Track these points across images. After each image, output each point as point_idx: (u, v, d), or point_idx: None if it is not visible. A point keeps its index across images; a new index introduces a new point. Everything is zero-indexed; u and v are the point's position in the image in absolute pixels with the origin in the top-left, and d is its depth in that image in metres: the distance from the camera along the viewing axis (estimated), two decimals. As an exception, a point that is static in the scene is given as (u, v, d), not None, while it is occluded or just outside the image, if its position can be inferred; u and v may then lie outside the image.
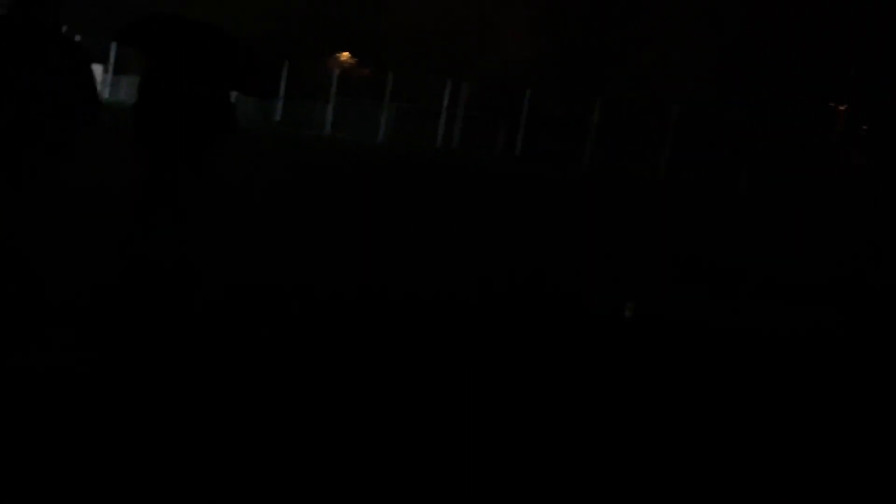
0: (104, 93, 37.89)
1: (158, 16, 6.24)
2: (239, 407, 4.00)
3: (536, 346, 5.85)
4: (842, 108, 39.93)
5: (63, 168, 4.89)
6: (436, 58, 44.00)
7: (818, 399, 5.36)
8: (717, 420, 4.76)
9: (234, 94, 6.33)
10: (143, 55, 6.00)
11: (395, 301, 6.56)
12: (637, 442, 4.26)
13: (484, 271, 8.52)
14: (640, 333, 6.59)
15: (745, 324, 7.11)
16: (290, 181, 15.92)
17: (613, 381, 5.24)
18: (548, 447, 4.05)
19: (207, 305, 5.78)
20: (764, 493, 3.88)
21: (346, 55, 49.73)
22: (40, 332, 4.59)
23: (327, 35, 48.10)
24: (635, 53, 40.91)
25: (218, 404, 4.03)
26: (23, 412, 3.61)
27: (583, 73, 40.99)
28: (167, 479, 3.26)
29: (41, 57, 4.25)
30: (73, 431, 3.49)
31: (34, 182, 4.64)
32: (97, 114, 4.96)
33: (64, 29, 5.44)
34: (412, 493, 3.41)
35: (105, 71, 44.75)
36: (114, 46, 45.10)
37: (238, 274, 6.89)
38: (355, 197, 14.60)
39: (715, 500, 3.79)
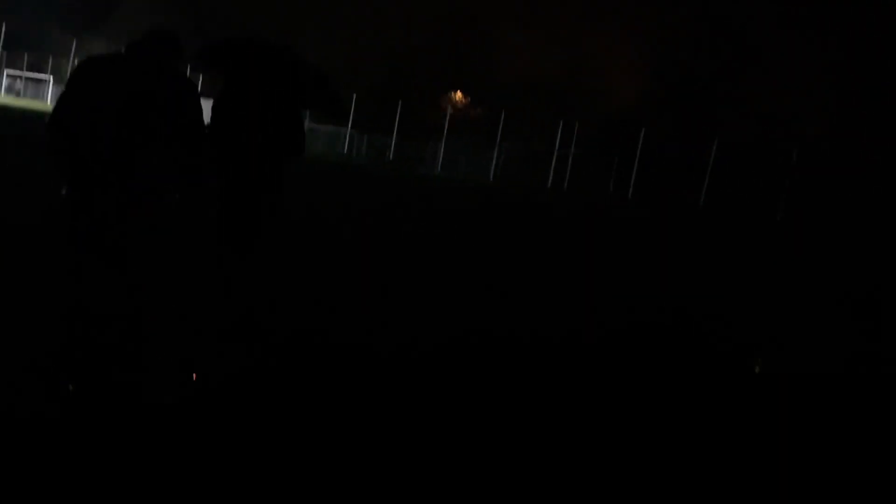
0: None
1: (233, 39, 6.31)
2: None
3: (661, 395, 5.71)
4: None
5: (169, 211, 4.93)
6: (547, 98, 44.02)
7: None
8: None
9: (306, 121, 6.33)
10: (219, 76, 6.00)
11: (523, 343, 6.51)
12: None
13: (605, 315, 8.38)
14: (771, 387, 6.36)
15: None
16: (398, 220, 16.05)
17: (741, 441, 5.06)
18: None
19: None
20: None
21: (458, 95, 50.21)
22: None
23: (440, 75, 48.67)
24: (751, 93, 40.16)
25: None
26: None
27: (697, 112, 40.39)
28: None
29: (156, 97, 4.33)
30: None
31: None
32: (200, 177, 5.13)
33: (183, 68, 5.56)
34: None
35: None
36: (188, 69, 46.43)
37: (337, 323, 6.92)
38: (468, 237, 14.62)
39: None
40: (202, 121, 5.06)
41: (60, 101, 4.30)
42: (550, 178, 41.06)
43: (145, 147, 4.37)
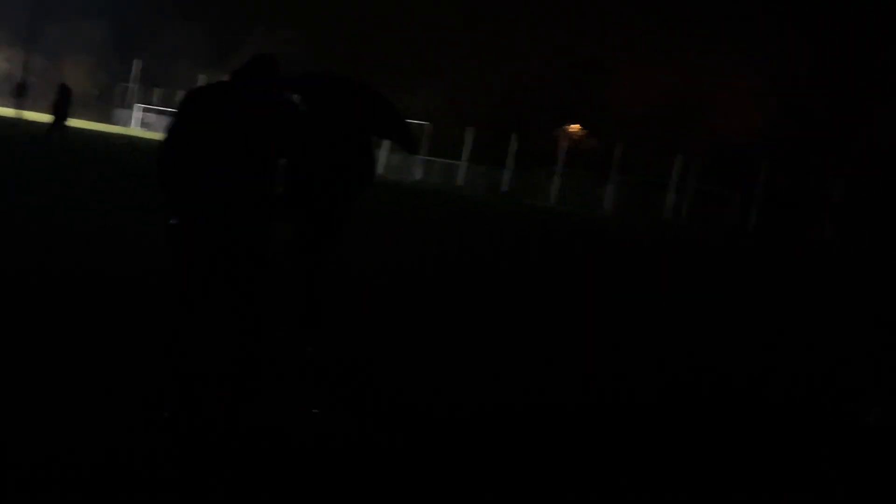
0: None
1: (311, 72, 6.34)
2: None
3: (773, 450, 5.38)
4: None
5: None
6: (664, 131, 43.37)
7: None
8: None
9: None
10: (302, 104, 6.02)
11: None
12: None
13: (719, 361, 8.05)
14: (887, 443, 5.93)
15: None
16: (513, 256, 15.91)
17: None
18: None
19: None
20: None
21: (575, 127, 49.92)
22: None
23: (557, 107, 48.53)
24: (878, 126, 38.70)
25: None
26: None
27: (821, 147, 39.13)
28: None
29: (260, 120, 4.32)
30: None
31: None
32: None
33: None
34: None
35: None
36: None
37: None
38: (583, 272, 14.36)
39: None
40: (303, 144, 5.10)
41: (169, 132, 4.33)
42: (668, 211, 40.31)
43: (253, 171, 4.36)
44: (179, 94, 59.73)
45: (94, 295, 6.76)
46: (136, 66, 63.69)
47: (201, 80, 55.62)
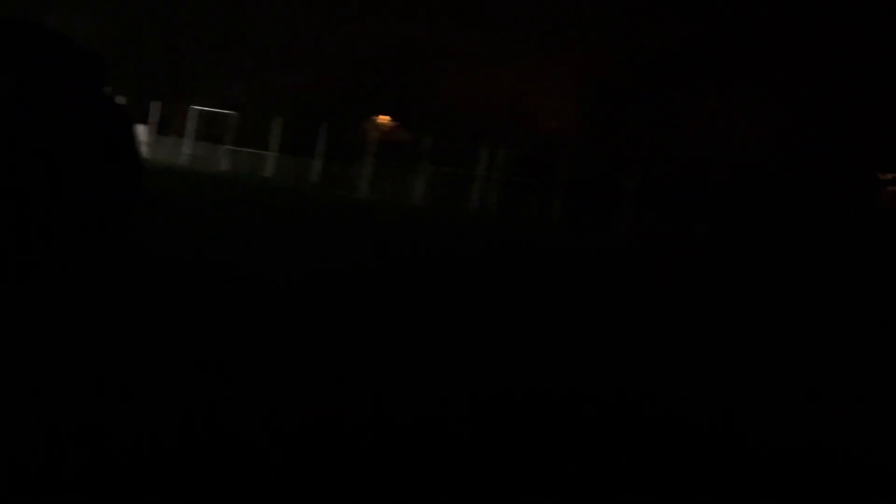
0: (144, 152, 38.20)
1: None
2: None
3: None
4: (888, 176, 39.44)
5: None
6: (474, 123, 44.19)
7: None
8: None
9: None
10: None
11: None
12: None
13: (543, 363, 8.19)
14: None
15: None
16: (330, 241, 15.76)
17: None
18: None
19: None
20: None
21: (385, 118, 50.12)
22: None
23: (368, 99, 48.56)
24: (673, 120, 40.81)
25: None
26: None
27: (621, 139, 40.91)
28: None
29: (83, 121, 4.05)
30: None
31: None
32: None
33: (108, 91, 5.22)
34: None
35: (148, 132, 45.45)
36: (153, 106, 45.87)
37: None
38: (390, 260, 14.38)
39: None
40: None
41: None
42: (475, 202, 41.20)
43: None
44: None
45: None
46: None
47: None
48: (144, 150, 39.08)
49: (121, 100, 35.42)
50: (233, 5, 50.96)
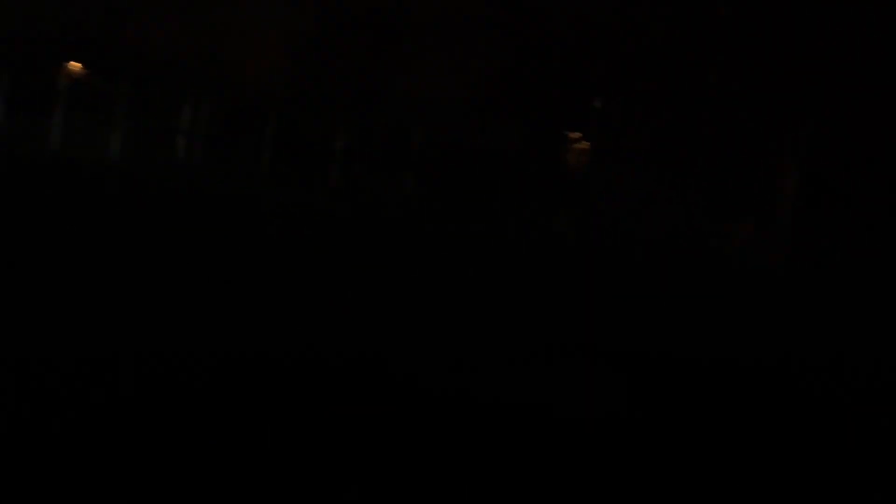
0: None
1: None
2: None
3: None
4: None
5: None
6: (177, 74, 42.31)
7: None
8: None
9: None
10: None
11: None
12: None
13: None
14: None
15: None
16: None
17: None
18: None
19: None
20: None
21: (76, 65, 46.80)
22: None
23: (57, 43, 45.12)
24: (386, 79, 41.14)
25: None
26: None
27: (330, 97, 40.73)
28: None
29: None
30: None
31: None
32: None
33: None
34: None
35: None
36: None
37: None
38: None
39: None
40: None
41: None
42: (179, 156, 39.73)
43: None
44: None
45: None
46: None
47: None
48: None
49: None
50: None
